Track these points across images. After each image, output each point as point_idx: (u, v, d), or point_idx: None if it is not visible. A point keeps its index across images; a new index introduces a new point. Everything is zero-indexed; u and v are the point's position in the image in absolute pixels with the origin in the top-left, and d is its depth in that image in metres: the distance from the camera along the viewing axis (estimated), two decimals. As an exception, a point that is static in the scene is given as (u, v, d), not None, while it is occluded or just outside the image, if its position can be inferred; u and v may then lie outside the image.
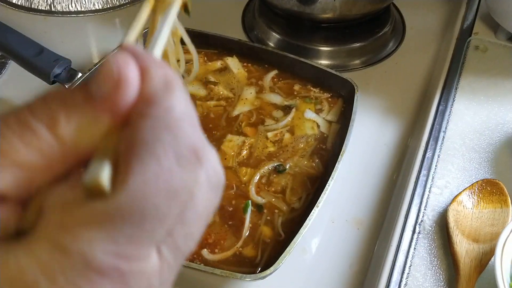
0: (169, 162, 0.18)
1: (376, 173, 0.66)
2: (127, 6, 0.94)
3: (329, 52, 0.81)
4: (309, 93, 0.69)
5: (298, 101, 0.68)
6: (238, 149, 0.62)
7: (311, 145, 0.63)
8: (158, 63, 0.19)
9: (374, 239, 0.59)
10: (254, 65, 0.73)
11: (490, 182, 0.59)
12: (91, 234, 0.16)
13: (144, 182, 0.17)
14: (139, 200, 0.17)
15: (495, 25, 0.83)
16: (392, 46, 0.85)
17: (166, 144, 0.18)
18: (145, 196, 0.17)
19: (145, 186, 0.17)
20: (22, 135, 0.17)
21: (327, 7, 0.74)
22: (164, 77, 0.19)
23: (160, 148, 0.18)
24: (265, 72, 0.72)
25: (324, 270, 0.56)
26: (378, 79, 0.80)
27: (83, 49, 0.85)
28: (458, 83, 0.74)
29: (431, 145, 0.65)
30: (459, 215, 0.57)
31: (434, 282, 0.53)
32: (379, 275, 0.53)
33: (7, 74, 0.80)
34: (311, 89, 0.70)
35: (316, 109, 0.67)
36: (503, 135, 0.67)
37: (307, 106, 0.67)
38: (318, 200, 0.53)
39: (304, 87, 0.70)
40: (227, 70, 0.73)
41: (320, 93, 0.69)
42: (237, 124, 0.66)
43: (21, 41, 0.72)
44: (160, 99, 0.18)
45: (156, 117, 0.18)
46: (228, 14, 0.91)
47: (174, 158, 0.18)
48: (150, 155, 0.17)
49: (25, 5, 0.93)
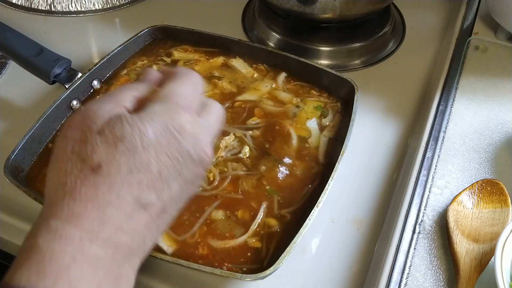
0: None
1: (376, 173, 0.66)
2: (127, 6, 0.94)
3: (329, 52, 0.81)
4: (320, 98, 0.69)
5: (306, 103, 0.68)
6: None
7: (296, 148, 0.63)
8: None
9: (374, 239, 0.59)
10: (264, 64, 0.74)
11: (490, 182, 0.59)
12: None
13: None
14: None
15: (495, 25, 0.83)
16: (392, 46, 0.85)
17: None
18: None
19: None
20: (132, 89, 0.38)
21: (327, 7, 0.74)
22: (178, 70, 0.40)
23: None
24: (275, 73, 0.73)
25: (324, 270, 0.56)
26: (378, 79, 0.80)
27: (83, 49, 0.85)
28: (458, 83, 0.74)
29: (431, 145, 0.65)
30: (459, 215, 0.57)
31: (434, 282, 0.53)
32: (379, 275, 0.53)
33: (7, 74, 0.81)
34: (320, 94, 0.70)
35: (322, 115, 0.67)
36: (503, 135, 0.67)
37: (314, 114, 0.67)
38: (318, 200, 0.53)
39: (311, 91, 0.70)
40: (231, 68, 0.73)
41: (328, 99, 0.69)
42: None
43: (21, 41, 0.72)
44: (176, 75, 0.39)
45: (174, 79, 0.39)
46: (228, 14, 0.91)
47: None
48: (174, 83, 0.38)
49: (25, 5, 0.93)
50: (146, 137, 0.33)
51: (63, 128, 0.35)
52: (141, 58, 0.75)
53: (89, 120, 0.34)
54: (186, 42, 0.77)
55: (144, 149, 0.33)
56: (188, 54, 0.76)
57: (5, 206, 0.61)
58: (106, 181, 0.32)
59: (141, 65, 0.74)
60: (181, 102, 0.36)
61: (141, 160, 0.33)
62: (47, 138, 0.64)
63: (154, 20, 0.82)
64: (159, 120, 0.34)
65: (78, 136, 0.33)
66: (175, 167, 0.34)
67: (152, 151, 0.33)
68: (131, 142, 0.33)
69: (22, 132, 0.61)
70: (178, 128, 0.34)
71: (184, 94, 0.37)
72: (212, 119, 0.39)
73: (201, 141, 0.36)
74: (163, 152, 0.33)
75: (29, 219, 0.59)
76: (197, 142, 0.35)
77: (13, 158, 0.58)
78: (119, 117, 0.34)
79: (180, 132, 0.34)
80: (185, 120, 0.35)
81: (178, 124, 0.35)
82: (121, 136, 0.33)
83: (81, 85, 0.69)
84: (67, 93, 0.67)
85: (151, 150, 0.33)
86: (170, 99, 0.36)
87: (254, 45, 0.76)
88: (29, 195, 0.55)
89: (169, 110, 0.35)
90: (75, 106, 0.68)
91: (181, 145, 0.34)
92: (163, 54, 0.76)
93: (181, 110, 0.36)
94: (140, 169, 0.33)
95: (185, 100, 0.37)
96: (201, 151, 0.36)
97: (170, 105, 0.36)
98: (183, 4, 0.94)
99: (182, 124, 0.35)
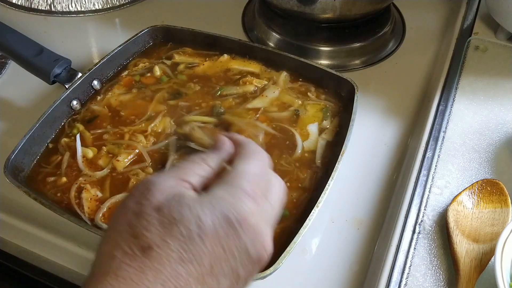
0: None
1: (376, 173, 0.66)
2: (127, 6, 0.94)
3: (329, 52, 0.81)
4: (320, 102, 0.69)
5: (307, 108, 0.68)
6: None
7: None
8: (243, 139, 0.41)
9: (374, 239, 0.59)
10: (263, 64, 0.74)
11: (490, 182, 0.59)
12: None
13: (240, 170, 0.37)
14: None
15: (495, 25, 0.83)
16: (392, 46, 0.85)
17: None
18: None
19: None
20: (200, 163, 0.37)
21: (327, 7, 0.74)
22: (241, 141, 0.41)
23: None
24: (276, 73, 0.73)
25: (324, 270, 0.56)
26: (378, 79, 0.80)
27: (83, 49, 0.85)
28: (458, 83, 0.74)
29: (431, 145, 0.65)
30: (459, 215, 0.57)
31: (434, 282, 0.53)
32: (379, 275, 0.53)
33: (7, 74, 0.81)
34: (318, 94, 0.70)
35: (324, 117, 0.67)
36: (503, 135, 0.67)
37: (317, 118, 0.67)
38: (318, 200, 0.53)
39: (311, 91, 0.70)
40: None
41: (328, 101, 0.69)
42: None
43: (21, 41, 0.72)
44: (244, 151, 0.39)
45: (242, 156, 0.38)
46: (228, 14, 0.91)
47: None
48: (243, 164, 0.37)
49: (25, 5, 0.93)
50: (203, 224, 0.31)
51: (126, 195, 0.35)
52: (141, 59, 0.75)
53: (149, 192, 0.32)
54: (186, 42, 0.77)
55: (200, 238, 0.31)
56: (188, 57, 0.76)
57: (5, 206, 0.61)
58: (154, 266, 0.30)
59: (142, 66, 0.74)
60: (247, 187, 0.34)
61: (194, 249, 0.30)
62: (47, 138, 0.64)
63: (154, 20, 0.82)
64: (221, 208, 0.32)
65: (134, 208, 0.32)
66: (229, 262, 0.32)
67: (207, 242, 0.31)
68: (187, 227, 0.31)
69: (22, 132, 0.61)
70: (240, 218, 0.32)
71: (251, 178, 0.35)
72: (275, 200, 0.36)
73: (263, 236, 0.33)
74: (219, 244, 0.31)
75: (29, 219, 0.59)
76: (258, 237, 0.33)
77: (13, 158, 0.58)
78: (180, 196, 0.32)
79: (241, 224, 0.32)
80: (248, 210, 0.33)
81: (240, 214, 0.32)
82: (178, 219, 0.31)
83: (81, 85, 0.69)
84: (67, 93, 0.67)
85: (207, 240, 0.31)
86: (236, 182, 0.34)
87: (254, 45, 0.76)
88: (29, 195, 0.55)
89: (233, 196, 0.33)
90: (75, 106, 0.68)
91: (240, 239, 0.32)
92: (164, 57, 0.76)
93: (245, 197, 0.33)
94: (191, 260, 0.30)
95: (252, 185, 0.35)
96: (261, 248, 0.33)
97: (235, 190, 0.34)
98: (183, 4, 0.94)
99: (244, 215, 0.32)
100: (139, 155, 0.62)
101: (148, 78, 0.72)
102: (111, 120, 0.66)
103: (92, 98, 0.70)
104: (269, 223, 0.35)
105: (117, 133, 0.64)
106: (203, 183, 0.35)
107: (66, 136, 0.64)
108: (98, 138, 0.64)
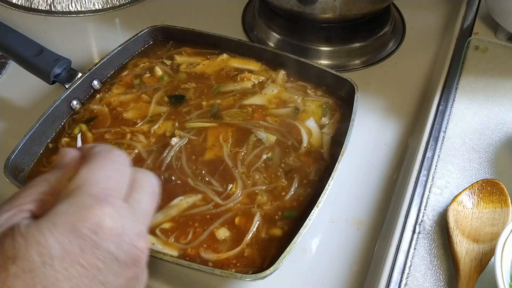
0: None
1: (376, 173, 0.66)
2: (127, 6, 0.94)
3: (329, 52, 0.81)
4: (320, 98, 0.69)
5: (306, 104, 0.68)
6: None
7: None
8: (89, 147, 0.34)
9: (374, 239, 0.59)
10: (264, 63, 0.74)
11: (490, 182, 0.59)
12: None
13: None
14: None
15: (495, 25, 0.83)
16: (392, 46, 0.85)
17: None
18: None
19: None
20: (39, 185, 0.32)
21: (327, 7, 0.74)
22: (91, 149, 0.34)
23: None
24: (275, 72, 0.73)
25: (324, 270, 0.56)
26: (378, 79, 0.80)
27: (83, 49, 0.85)
28: (458, 83, 0.74)
29: (431, 145, 0.65)
30: (459, 215, 0.57)
31: (434, 282, 0.53)
32: (379, 275, 0.53)
33: (7, 74, 0.81)
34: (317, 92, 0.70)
35: (322, 114, 0.67)
36: (503, 135, 0.67)
37: (315, 113, 0.67)
38: (318, 200, 0.53)
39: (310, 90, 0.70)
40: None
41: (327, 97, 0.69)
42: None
43: (21, 41, 0.72)
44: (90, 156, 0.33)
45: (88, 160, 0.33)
46: (228, 14, 0.91)
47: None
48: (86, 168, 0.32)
49: (25, 5, 0.93)
50: (47, 250, 0.27)
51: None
52: (141, 59, 0.75)
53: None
54: (186, 42, 0.77)
55: (47, 265, 0.26)
56: (189, 57, 0.76)
57: (5, 206, 0.61)
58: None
59: (142, 66, 0.74)
60: (98, 192, 0.30)
61: (45, 281, 0.26)
62: (47, 138, 0.64)
63: (154, 20, 0.82)
64: (65, 224, 0.28)
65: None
66: (95, 277, 0.28)
67: (58, 267, 0.27)
68: (27, 260, 0.26)
69: (22, 132, 0.61)
70: (95, 228, 0.28)
71: (102, 180, 0.31)
72: (145, 199, 0.33)
73: (129, 234, 0.30)
74: (75, 263, 0.27)
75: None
76: (123, 238, 0.29)
77: (13, 158, 0.58)
78: (10, 230, 0.27)
79: (96, 232, 0.28)
80: (101, 215, 0.29)
81: (94, 223, 0.28)
82: (12, 255, 0.26)
83: (81, 85, 0.69)
84: (67, 93, 0.67)
85: (57, 265, 0.27)
86: (83, 191, 0.30)
87: (254, 45, 0.76)
88: (29, 195, 0.55)
89: (82, 207, 0.29)
90: (75, 106, 0.68)
91: (100, 248, 0.28)
92: (164, 57, 0.76)
93: (96, 203, 0.29)
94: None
95: (104, 188, 0.30)
96: (130, 248, 0.30)
97: (80, 200, 0.29)
98: (183, 4, 0.94)
99: (100, 222, 0.28)
100: (138, 154, 0.62)
101: (149, 78, 0.72)
102: (111, 120, 0.66)
103: (92, 98, 0.70)
104: (138, 221, 0.31)
105: (118, 132, 0.65)
106: (44, 203, 0.30)
107: (66, 136, 0.65)
108: (98, 138, 0.64)
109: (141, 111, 0.67)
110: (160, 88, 0.70)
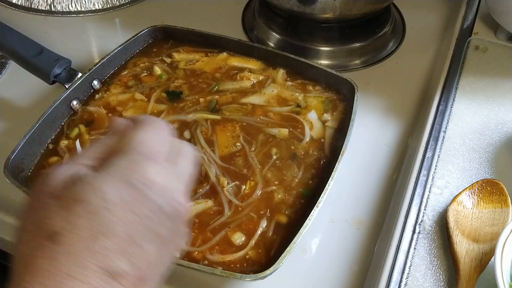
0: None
1: (376, 173, 0.66)
2: (127, 6, 0.94)
3: (329, 52, 0.81)
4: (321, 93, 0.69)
5: (309, 99, 0.68)
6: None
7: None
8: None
9: (374, 239, 0.59)
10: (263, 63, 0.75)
11: (490, 182, 0.59)
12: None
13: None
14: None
15: (495, 25, 0.83)
16: (392, 46, 0.85)
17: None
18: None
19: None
20: (96, 148, 0.35)
21: (327, 7, 0.74)
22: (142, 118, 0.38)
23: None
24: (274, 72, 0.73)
25: (324, 270, 0.56)
26: (378, 79, 0.80)
27: (83, 49, 0.85)
28: (458, 83, 0.74)
29: (431, 145, 0.65)
30: (459, 215, 0.57)
31: (434, 282, 0.53)
32: (379, 275, 0.53)
33: (7, 74, 0.81)
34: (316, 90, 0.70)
35: (324, 110, 0.67)
36: (503, 135, 0.67)
37: (317, 108, 0.67)
38: (318, 200, 0.53)
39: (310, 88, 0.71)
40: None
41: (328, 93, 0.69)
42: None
43: (21, 41, 0.72)
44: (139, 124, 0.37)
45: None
46: (228, 14, 0.91)
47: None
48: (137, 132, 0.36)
49: (25, 5, 0.93)
50: (107, 196, 0.30)
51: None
52: (141, 59, 0.75)
53: (42, 183, 0.32)
54: (186, 42, 0.77)
55: (107, 209, 0.30)
56: (187, 54, 0.76)
57: (5, 206, 0.61)
58: (65, 250, 0.28)
59: (142, 66, 0.74)
60: (145, 151, 0.33)
61: (104, 222, 0.29)
62: (47, 138, 0.64)
63: (154, 20, 0.82)
64: (121, 175, 0.31)
65: (33, 202, 0.31)
66: (146, 226, 0.31)
67: (116, 212, 0.30)
68: (91, 203, 0.30)
69: (22, 132, 0.61)
70: (144, 180, 0.32)
71: (149, 142, 0.34)
72: (184, 164, 0.36)
73: (173, 191, 0.33)
74: (129, 211, 0.30)
75: (29, 219, 0.59)
76: (168, 193, 0.32)
77: (13, 158, 0.58)
78: (76, 177, 0.31)
79: (147, 185, 0.31)
80: (151, 171, 0.32)
81: (144, 176, 0.32)
82: (79, 198, 0.30)
83: (81, 85, 0.69)
84: (67, 93, 0.67)
85: (115, 211, 0.30)
86: (133, 149, 0.33)
87: (254, 45, 0.76)
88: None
89: (133, 162, 0.32)
90: (75, 106, 0.68)
91: (150, 199, 0.31)
92: (164, 55, 0.76)
93: (146, 160, 0.33)
94: (104, 233, 0.29)
95: (150, 149, 0.34)
96: (174, 202, 0.33)
97: (133, 157, 0.33)
98: (183, 4, 0.94)
99: (148, 176, 0.32)
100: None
101: (148, 76, 0.72)
102: (110, 120, 0.66)
103: (92, 98, 0.70)
104: (178, 180, 0.35)
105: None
106: (101, 160, 0.34)
107: (65, 137, 0.64)
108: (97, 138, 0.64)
109: (141, 110, 0.68)
110: (159, 86, 0.70)
